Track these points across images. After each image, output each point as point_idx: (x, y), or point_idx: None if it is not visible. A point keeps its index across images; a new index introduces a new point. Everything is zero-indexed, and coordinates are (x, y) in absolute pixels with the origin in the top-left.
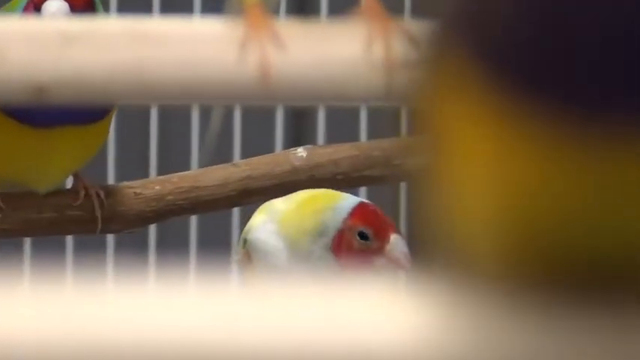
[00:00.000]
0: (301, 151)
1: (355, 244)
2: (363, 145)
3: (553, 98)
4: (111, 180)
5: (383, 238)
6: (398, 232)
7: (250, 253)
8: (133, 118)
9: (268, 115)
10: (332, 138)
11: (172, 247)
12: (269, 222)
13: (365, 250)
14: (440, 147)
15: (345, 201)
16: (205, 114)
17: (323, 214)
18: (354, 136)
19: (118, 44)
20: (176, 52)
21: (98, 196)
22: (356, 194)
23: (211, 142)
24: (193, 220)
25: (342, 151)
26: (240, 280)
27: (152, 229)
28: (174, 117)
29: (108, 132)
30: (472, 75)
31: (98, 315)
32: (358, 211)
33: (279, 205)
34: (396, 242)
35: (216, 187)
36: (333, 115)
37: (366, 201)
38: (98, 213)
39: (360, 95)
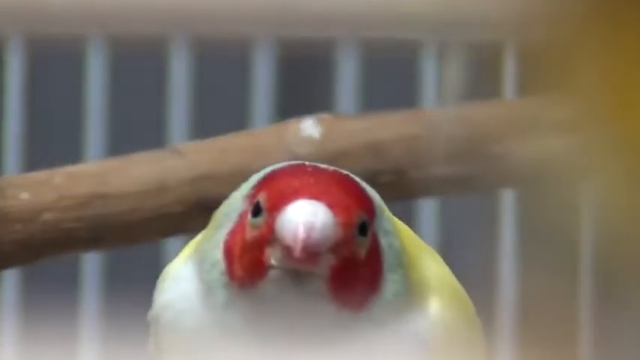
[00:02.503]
0: (310, 126)
1: (248, 231)
2: (431, 115)
3: None
4: None
5: (276, 209)
6: (314, 196)
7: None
8: None
9: (244, 56)
10: (368, 102)
11: (52, 307)
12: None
13: (256, 238)
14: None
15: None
16: (115, 54)
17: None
18: (411, 99)
19: None
20: None
21: None
22: (417, 210)
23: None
24: (93, 260)
25: (390, 126)
26: None
27: (13, 276)
28: (56, 60)
29: None
30: None
31: None
32: (263, 182)
33: None
34: (287, 212)
35: (141, 196)
36: (368, 58)
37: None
38: None
39: (423, 20)
